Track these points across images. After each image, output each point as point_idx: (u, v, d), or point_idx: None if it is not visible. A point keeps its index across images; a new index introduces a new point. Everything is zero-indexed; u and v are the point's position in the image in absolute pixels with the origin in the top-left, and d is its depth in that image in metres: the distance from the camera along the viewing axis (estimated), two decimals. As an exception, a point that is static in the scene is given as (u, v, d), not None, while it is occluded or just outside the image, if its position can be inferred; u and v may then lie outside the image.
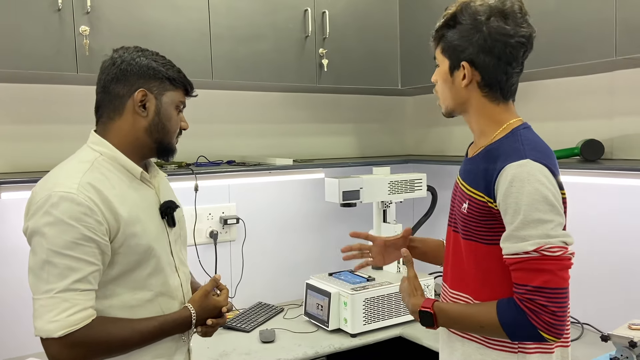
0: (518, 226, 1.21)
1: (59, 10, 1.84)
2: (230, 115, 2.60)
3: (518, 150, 1.26)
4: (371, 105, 3.01)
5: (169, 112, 1.38)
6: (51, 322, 1.20)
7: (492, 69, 1.30)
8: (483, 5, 1.29)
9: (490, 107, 1.35)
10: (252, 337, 2.27)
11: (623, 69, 2.12)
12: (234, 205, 2.61)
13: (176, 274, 1.44)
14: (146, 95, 1.35)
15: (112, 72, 1.36)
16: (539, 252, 1.19)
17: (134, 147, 1.37)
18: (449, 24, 1.33)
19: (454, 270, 1.42)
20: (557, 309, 1.18)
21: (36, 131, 2.17)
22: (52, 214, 1.21)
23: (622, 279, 2.17)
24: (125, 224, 1.29)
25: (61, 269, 1.21)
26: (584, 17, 1.87)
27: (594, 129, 2.23)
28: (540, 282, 1.19)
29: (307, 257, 2.83)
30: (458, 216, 1.38)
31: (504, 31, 1.27)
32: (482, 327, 1.28)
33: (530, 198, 1.20)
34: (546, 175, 1.22)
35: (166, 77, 1.37)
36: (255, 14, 2.25)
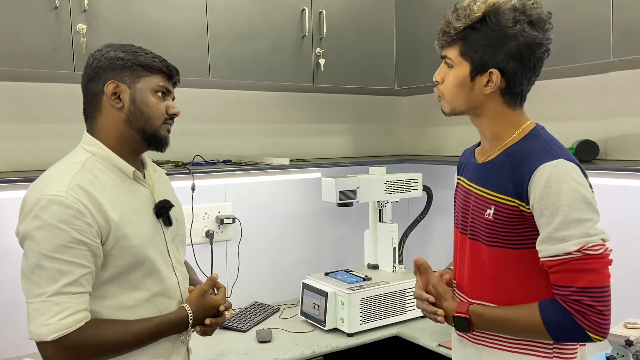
0: (557, 227, 1.19)
1: (55, 8, 1.83)
2: (227, 114, 2.60)
3: (547, 150, 1.25)
4: (366, 105, 3.01)
5: (145, 98, 1.34)
6: (43, 326, 1.20)
7: (519, 77, 1.28)
8: (514, 11, 1.24)
9: (507, 113, 1.33)
10: (249, 337, 2.27)
11: (617, 70, 2.14)
12: (230, 205, 2.60)
13: (173, 273, 1.43)
14: (118, 86, 1.32)
15: (86, 73, 1.36)
16: (581, 252, 1.18)
17: (121, 142, 1.35)
18: (473, 26, 1.26)
19: (472, 279, 1.37)
20: (604, 307, 1.18)
21: (32, 130, 2.15)
22: (41, 218, 1.20)
23: (617, 278, 2.19)
24: (116, 226, 1.27)
25: (52, 272, 1.20)
26: (581, 19, 1.89)
27: (588, 130, 2.25)
28: (585, 283, 1.17)
29: (302, 256, 2.83)
30: (479, 223, 1.33)
31: (536, 40, 1.26)
32: (524, 330, 1.26)
33: (569, 198, 1.18)
34: (580, 174, 1.22)
35: (137, 64, 1.33)
36: (252, 13, 2.24)
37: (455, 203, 1.49)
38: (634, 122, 2.13)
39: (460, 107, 1.34)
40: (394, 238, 2.55)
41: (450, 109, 1.37)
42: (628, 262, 2.15)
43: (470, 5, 1.27)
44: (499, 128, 1.34)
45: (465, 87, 1.31)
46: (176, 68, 1.42)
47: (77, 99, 2.19)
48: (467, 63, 1.29)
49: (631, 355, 1.69)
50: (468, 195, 1.39)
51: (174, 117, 1.41)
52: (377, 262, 2.62)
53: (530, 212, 1.23)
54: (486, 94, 1.30)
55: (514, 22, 1.24)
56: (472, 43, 1.28)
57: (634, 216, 2.13)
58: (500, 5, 1.24)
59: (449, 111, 1.37)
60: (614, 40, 1.80)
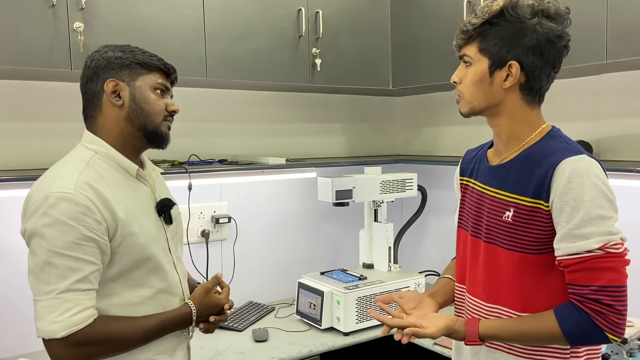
0: (578, 224, 1.16)
1: (53, 6, 1.82)
2: (222, 113, 2.59)
3: (568, 148, 1.24)
4: (361, 105, 3.02)
5: (144, 95, 1.36)
6: (53, 323, 1.19)
7: (538, 72, 1.27)
8: (532, 4, 1.24)
9: (526, 111, 1.31)
10: (245, 336, 2.27)
11: (610, 72, 2.17)
12: (225, 204, 2.60)
13: (175, 270, 1.45)
14: (117, 85, 1.34)
15: (85, 74, 1.37)
16: (603, 250, 1.15)
17: (122, 140, 1.36)
18: (491, 21, 1.25)
19: (488, 284, 1.33)
20: (622, 307, 1.15)
21: (30, 128, 2.14)
22: (51, 215, 1.20)
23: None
24: (123, 223, 1.28)
25: (62, 269, 1.20)
26: (576, 21, 1.90)
27: (582, 130, 2.28)
28: (606, 281, 1.15)
29: (297, 256, 2.84)
30: (496, 226, 1.31)
31: (556, 32, 1.24)
32: (540, 341, 1.23)
33: (591, 194, 1.16)
34: (602, 170, 1.21)
35: (135, 63, 1.35)
36: (249, 12, 2.24)
37: (464, 206, 1.45)
38: (626, 123, 2.16)
39: (479, 105, 1.31)
40: (389, 237, 2.56)
41: (469, 108, 1.33)
42: (620, 261, 2.18)
43: (488, 3, 1.27)
44: (516, 127, 1.31)
45: (485, 83, 1.29)
46: (173, 66, 1.43)
47: (75, 97, 2.17)
48: (486, 58, 1.27)
49: (625, 352, 1.71)
50: (482, 198, 1.37)
51: (173, 115, 1.42)
52: (372, 261, 2.63)
53: (548, 210, 1.21)
54: (505, 89, 1.28)
55: (533, 14, 1.23)
56: (490, 37, 1.26)
57: (626, 215, 2.16)
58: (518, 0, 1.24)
59: (468, 110, 1.34)
60: (609, 42, 1.82)
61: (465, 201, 1.45)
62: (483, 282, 1.34)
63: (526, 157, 1.28)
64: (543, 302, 1.25)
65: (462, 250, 1.44)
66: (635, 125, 2.13)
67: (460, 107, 1.35)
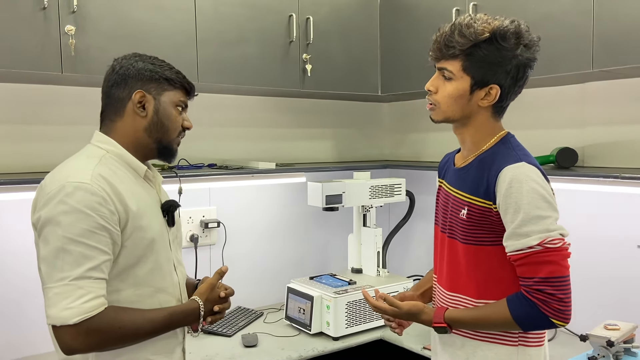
0: (520, 224, 1.30)
1: (44, 8, 1.81)
2: (212, 118, 2.59)
3: (511, 155, 1.38)
4: (349, 111, 3.04)
5: (168, 111, 1.41)
6: (66, 309, 1.20)
7: (512, 93, 1.41)
8: (515, 33, 1.35)
9: (492, 123, 1.45)
10: (235, 342, 2.26)
11: (595, 80, 2.22)
12: (214, 209, 2.60)
13: (174, 272, 1.46)
14: (144, 96, 1.39)
15: (112, 78, 1.40)
16: (542, 246, 1.29)
17: (135, 146, 1.40)
18: (479, 45, 1.34)
19: (450, 274, 1.48)
20: (564, 295, 1.29)
21: (20, 131, 2.12)
22: (68, 203, 1.22)
23: (594, 282, 2.27)
24: (134, 216, 1.31)
25: (76, 256, 1.21)
26: (563, 30, 1.96)
27: (567, 138, 2.33)
28: (546, 273, 1.29)
29: (286, 260, 2.84)
30: (456, 223, 1.44)
31: (531, 59, 1.38)
32: (496, 326, 1.38)
33: (529, 197, 1.30)
34: (539, 175, 1.35)
35: (164, 78, 1.40)
36: (241, 18, 2.25)
37: (438, 203, 1.59)
38: (610, 131, 2.21)
39: (454, 116, 1.43)
40: (377, 242, 2.58)
41: (443, 117, 1.44)
42: (604, 267, 2.22)
43: (471, 24, 1.35)
44: (480, 137, 1.44)
45: (464, 99, 1.40)
46: (194, 86, 1.50)
47: (65, 101, 2.20)
48: (469, 77, 1.38)
49: (612, 355, 1.75)
50: (447, 198, 1.51)
51: (186, 131, 1.49)
52: (361, 266, 2.65)
53: (497, 211, 1.35)
54: (481, 106, 1.40)
55: (516, 45, 1.35)
56: (476, 60, 1.36)
57: (610, 220, 2.21)
58: (504, 29, 1.34)
59: (441, 119, 1.45)
60: (595, 51, 1.87)
61: (439, 200, 1.58)
62: (446, 273, 1.50)
63: (480, 161, 1.42)
64: (497, 290, 1.39)
65: (435, 244, 1.60)
66: (619, 132, 2.19)
67: (433, 114, 1.46)
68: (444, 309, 1.44)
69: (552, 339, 2.23)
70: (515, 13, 2.08)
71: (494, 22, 1.35)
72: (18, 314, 2.12)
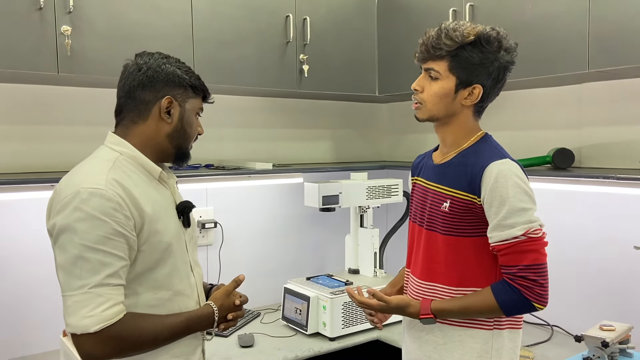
0: (505, 215, 1.39)
1: (40, 9, 1.81)
2: (210, 118, 2.56)
3: (495, 152, 1.48)
4: (347, 111, 3.04)
5: (191, 119, 1.42)
6: (86, 318, 1.19)
7: (492, 94, 1.51)
8: (497, 37, 1.45)
9: (472, 122, 1.54)
10: (231, 342, 2.26)
11: (591, 81, 2.22)
12: (211, 209, 2.60)
13: (192, 273, 1.45)
14: (172, 102, 1.37)
15: (137, 77, 1.37)
16: (526, 236, 1.39)
17: (153, 150, 1.39)
18: (464, 47, 1.44)
19: (426, 265, 1.56)
20: (544, 281, 1.40)
21: (16, 131, 2.12)
22: (83, 210, 1.21)
23: (590, 282, 2.27)
24: (150, 220, 1.30)
25: (94, 264, 1.20)
26: (559, 31, 1.96)
27: (564, 138, 2.33)
28: (530, 261, 1.39)
29: (283, 261, 2.84)
30: (436, 215, 1.52)
31: (510, 62, 1.49)
32: (481, 313, 1.46)
33: (514, 191, 1.40)
34: (521, 171, 1.45)
35: (190, 85, 1.40)
36: (238, 18, 2.25)
37: (412, 200, 1.66)
38: (607, 132, 2.21)
39: (438, 114, 1.51)
40: (375, 243, 2.58)
41: (429, 116, 1.53)
42: (599, 267, 2.22)
43: (457, 27, 1.45)
44: (460, 135, 1.53)
45: (449, 98, 1.49)
46: (209, 91, 1.48)
47: (61, 101, 2.20)
48: (454, 77, 1.47)
49: (607, 356, 1.75)
50: (426, 192, 1.58)
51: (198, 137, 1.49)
52: (358, 266, 2.65)
53: (480, 204, 1.44)
54: (464, 105, 1.50)
55: (498, 48, 1.46)
56: (461, 60, 1.45)
57: (607, 221, 2.21)
58: (487, 33, 1.45)
59: (426, 118, 1.53)
60: (591, 52, 1.87)
61: (414, 196, 1.66)
62: (422, 264, 1.57)
63: (462, 157, 1.51)
64: (477, 278, 1.48)
65: (410, 239, 1.65)
66: (616, 133, 2.19)
67: (418, 112, 1.55)
68: (429, 301, 1.50)
69: (548, 340, 2.23)
70: (511, 14, 2.10)
71: (478, 27, 1.46)
72: (36, 309, 2.13)
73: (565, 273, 2.33)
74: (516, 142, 2.53)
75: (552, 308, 2.34)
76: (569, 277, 2.33)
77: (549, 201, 2.40)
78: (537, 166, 2.26)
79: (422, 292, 1.56)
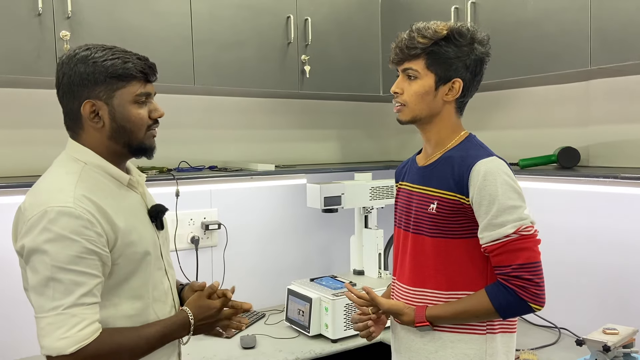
0: (495, 214, 1.37)
1: (39, 14, 1.84)
2: (213, 120, 2.60)
3: (481, 151, 1.46)
4: (353, 111, 3.03)
5: (125, 112, 1.29)
6: (62, 339, 1.17)
7: (472, 87, 1.51)
8: (468, 30, 1.48)
9: (454, 120, 1.54)
10: (233, 343, 2.27)
11: (598, 78, 2.16)
12: (215, 211, 2.61)
13: (166, 277, 1.44)
14: (94, 105, 1.27)
15: (59, 88, 1.30)
16: (518, 233, 1.36)
17: (107, 154, 1.32)
18: (438, 43, 1.45)
19: (414, 270, 1.52)
20: (539, 280, 1.36)
21: (15, 136, 2.16)
22: (52, 230, 1.17)
23: (598, 283, 2.21)
24: (123, 233, 1.27)
25: (67, 284, 1.18)
26: (560, 27, 1.91)
27: (571, 137, 2.27)
28: (523, 259, 1.36)
29: (289, 262, 2.84)
30: (422, 218, 1.50)
31: (485, 54, 1.50)
32: (477, 317, 1.43)
33: (503, 188, 1.38)
34: (508, 169, 1.44)
35: (109, 77, 1.26)
36: (237, 20, 2.25)
37: (397, 206, 1.64)
38: (615, 130, 2.16)
39: (421, 114, 1.51)
40: (379, 244, 2.56)
41: (412, 117, 1.52)
42: (608, 268, 2.17)
43: (429, 26, 1.47)
44: (444, 134, 1.53)
45: (430, 96, 1.49)
46: (152, 66, 1.34)
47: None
48: (433, 74, 1.47)
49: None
50: (410, 196, 1.57)
51: (158, 120, 1.37)
52: (363, 267, 2.63)
53: (469, 204, 1.42)
54: (446, 101, 1.50)
55: (472, 40, 1.47)
56: (437, 57, 1.46)
57: (613, 221, 2.15)
58: (459, 27, 1.47)
59: (409, 119, 1.52)
60: (593, 48, 1.82)
61: (398, 201, 1.64)
62: (409, 269, 1.54)
63: (447, 158, 1.49)
64: (465, 282, 1.45)
65: (395, 246, 1.63)
66: (624, 131, 2.13)
67: (400, 115, 1.53)
68: (423, 308, 1.47)
69: (554, 343, 2.19)
70: (513, 10, 2.06)
71: (449, 23, 1.48)
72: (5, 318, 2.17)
73: (573, 274, 2.28)
74: (522, 140, 2.48)
75: (559, 310, 2.31)
76: (577, 278, 2.28)
77: (555, 201, 2.35)
78: (542, 165, 2.22)
79: (411, 299, 1.52)
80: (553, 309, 2.34)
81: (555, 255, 2.32)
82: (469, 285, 1.45)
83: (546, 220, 2.39)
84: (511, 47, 2.06)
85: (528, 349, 2.11)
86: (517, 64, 2.07)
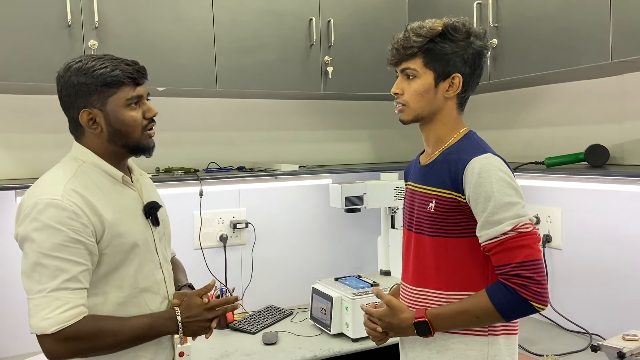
0: (492, 212, 1.35)
1: (69, 26, 1.97)
2: (241, 122, 2.68)
3: (476, 148, 1.45)
4: (382, 110, 3.01)
5: (119, 116, 1.39)
6: (44, 320, 1.28)
7: (473, 82, 1.50)
8: (465, 26, 1.47)
9: (455, 116, 1.52)
10: (256, 339, 2.32)
11: (633, 71, 2.06)
12: (244, 210, 2.68)
13: (160, 270, 1.51)
14: (91, 113, 1.38)
15: (60, 100, 1.43)
16: (515, 231, 1.34)
17: (108, 156, 1.44)
18: (434, 40, 1.45)
19: (416, 270, 1.52)
20: (540, 277, 1.33)
21: (49, 140, 2.29)
22: (40, 220, 1.29)
23: (630, 286, 2.10)
24: (110, 225, 1.36)
25: (51, 269, 1.29)
26: (579, 19, 1.84)
27: (604, 134, 2.17)
28: (522, 257, 1.33)
29: (318, 261, 2.87)
30: (423, 217, 1.49)
31: (483, 48, 1.48)
32: (478, 318, 1.39)
33: (498, 185, 1.36)
34: (504, 165, 1.41)
35: (100, 85, 1.36)
36: (259, 25, 2.31)
37: (404, 206, 1.63)
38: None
39: (423, 112, 1.49)
40: (405, 244, 2.54)
41: (413, 116, 1.51)
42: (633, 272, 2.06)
43: (423, 24, 1.47)
44: (445, 132, 1.51)
45: (430, 93, 1.48)
46: (140, 69, 1.43)
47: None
48: (431, 72, 1.47)
49: (626, 368, 1.62)
50: (413, 195, 1.56)
51: (153, 119, 1.46)
52: (389, 268, 2.62)
53: (466, 202, 1.40)
54: (447, 97, 1.48)
55: (467, 35, 1.46)
56: (434, 54, 1.45)
57: None
58: (453, 23, 1.46)
59: (411, 118, 1.51)
60: (613, 41, 1.74)
61: (405, 202, 1.64)
62: (413, 269, 1.53)
63: (445, 156, 1.49)
64: (465, 282, 1.43)
65: (403, 246, 1.62)
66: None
67: (402, 115, 1.52)
68: (423, 308, 1.45)
69: (583, 350, 2.09)
70: (533, 4, 2.00)
71: (443, 19, 1.46)
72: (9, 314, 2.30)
73: (602, 277, 2.18)
74: (552, 138, 2.40)
75: (590, 315, 2.20)
76: (607, 281, 2.17)
77: (583, 201, 2.26)
78: (571, 164, 2.13)
79: (414, 299, 1.51)
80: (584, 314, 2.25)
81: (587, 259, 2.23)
82: (470, 286, 1.42)
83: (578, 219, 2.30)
84: (532, 42, 2.00)
85: (554, 354, 2.03)
86: (538, 59, 2.01)
